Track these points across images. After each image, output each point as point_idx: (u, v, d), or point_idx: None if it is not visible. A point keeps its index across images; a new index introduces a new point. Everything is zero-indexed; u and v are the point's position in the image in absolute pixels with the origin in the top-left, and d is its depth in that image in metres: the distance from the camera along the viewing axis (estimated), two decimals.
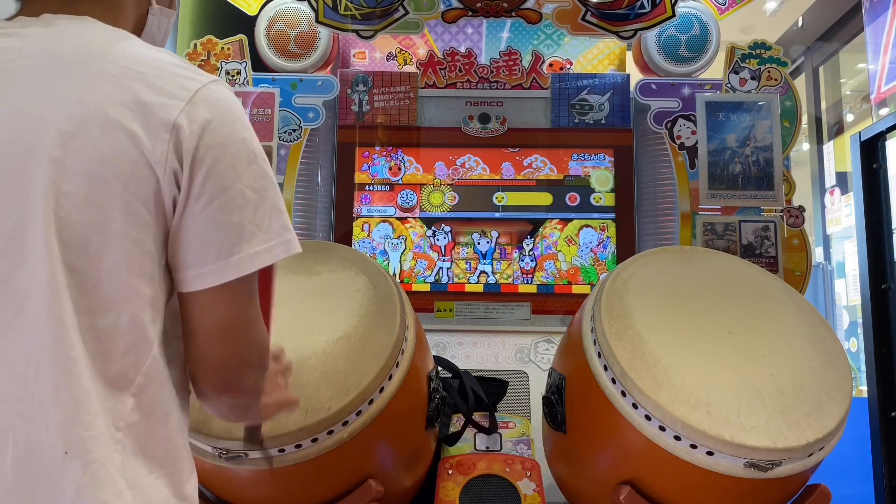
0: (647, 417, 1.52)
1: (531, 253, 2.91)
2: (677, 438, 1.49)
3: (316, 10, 2.85)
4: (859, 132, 2.32)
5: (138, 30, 0.95)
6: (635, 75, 3.10)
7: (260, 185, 0.82)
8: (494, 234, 2.93)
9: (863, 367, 2.43)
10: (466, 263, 2.90)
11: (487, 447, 2.01)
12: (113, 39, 0.85)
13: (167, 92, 0.80)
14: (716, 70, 2.99)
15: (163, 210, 0.79)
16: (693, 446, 1.48)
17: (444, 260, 2.91)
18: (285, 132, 2.90)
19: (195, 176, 0.79)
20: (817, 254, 4.18)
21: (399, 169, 2.98)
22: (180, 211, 0.79)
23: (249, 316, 0.85)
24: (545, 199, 2.95)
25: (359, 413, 1.55)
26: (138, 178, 0.77)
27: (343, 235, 2.91)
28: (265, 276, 1.20)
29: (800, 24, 4.43)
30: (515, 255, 2.91)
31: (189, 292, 0.81)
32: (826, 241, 4.31)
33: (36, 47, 0.81)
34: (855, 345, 3.91)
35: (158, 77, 0.80)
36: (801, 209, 2.75)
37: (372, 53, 3.29)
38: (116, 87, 0.78)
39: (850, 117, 4.47)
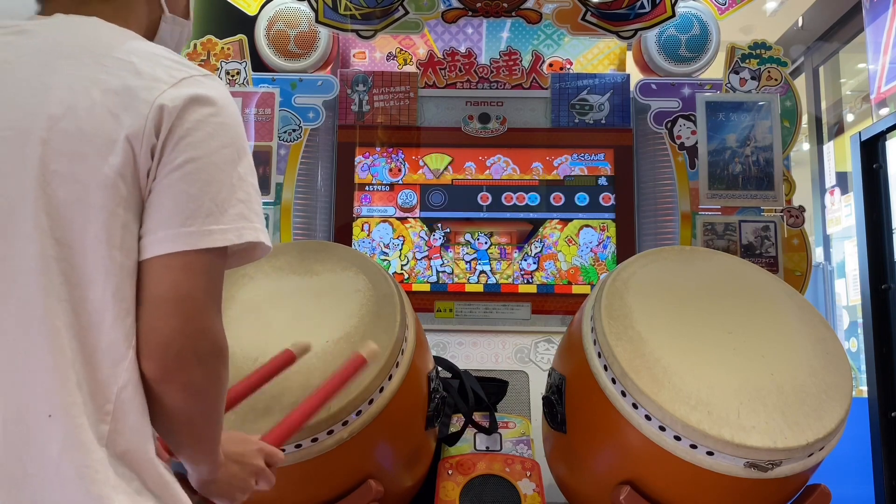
0: (647, 417, 1.52)
1: (533, 254, 2.91)
2: (677, 438, 1.49)
3: (316, 10, 2.85)
4: (859, 132, 2.32)
5: (150, 36, 0.98)
6: (635, 75, 3.10)
7: (228, 168, 0.83)
8: (484, 237, 2.93)
9: (863, 367, 2.43)
10: (467, 264, 2.90)
11: (487, 447, 2.01)
12: (114, 36, 0.88)
13: (154, 76, 0.83)
14: (716, 70, 2.99)
15: (139, 184, 0.81)
16: (693, 446, 1.48)
17: (442, 259, 2.91)
18: (285, 132, 2.90)
19: (167, 145, 0.81)
20: (817, 254, 4.17)
21: (399, 171, 2.98)
22: (151, 179, 0.82)
23: (203, 298, 0.82)
24: None
25: (359, 413, 1.55)
26: (115, 152, 0.80)
27: (343, 236, 2.91)
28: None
29: (800, 24, 4.42)
30: (515, 255, 2.91)
31: (145, 259, 0.81)
32: (826, 241, 4.31)
33: (40, 44, 0.86)
34: (855, 345, 3.91)
35: (148, 65, 0.84)
36: (802, 209, 2.75)
37: (372, 53, 3.29)
38: (107, 76, 0.83)
39: (850, 117, 4.47)
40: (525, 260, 2.91)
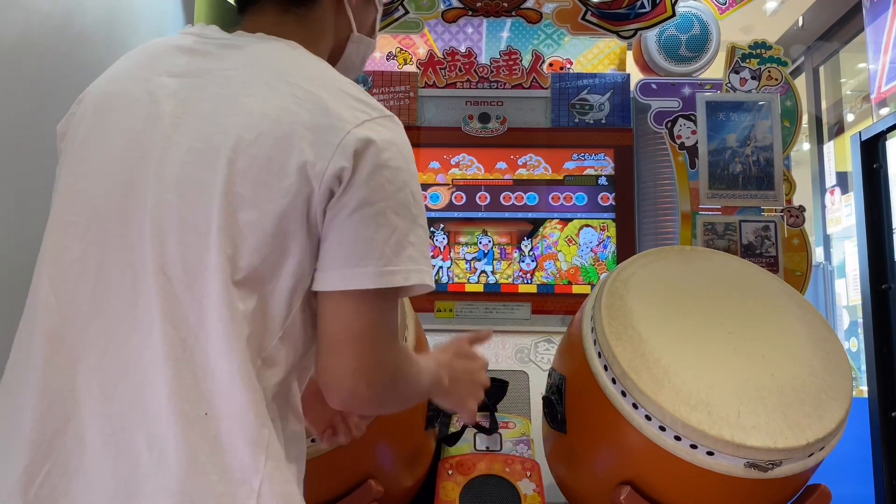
0: (648, 417, 1.52)
1: (531, 253, 2.91)
2: (677, 438, 1.49)
3: None
4: (859, 132, 2.32)
5: (337, 54, 1.05)
6: (635, 75, 3.10)
7: (402, 212, 0.86)
8: (489, 238, 2.93)
9: (863, 367, 2.43)
10: (466, 263, 2.90)
11: (487, 447, 2.01)
12: (308, 66, 0.93)
13: (340, 116, 0.86)
14: (716, 70, 2.99)
15: (312, 220, 0.85)
16: (693, 446, 1.48)
17: (443, 260, 2.91)
18: None
19: (348, 189, 0.84)
20: (817, 254, 4.17)
21: None
22: (330, 218, 0.85)
23: (374, 335, 0.86)
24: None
25: None
26: (296, 185, 0.83)
27: None
28: None
29: (800, 23, 4.42)
30: (515, 254, 2.91)
31: (318, 292, 0.86)
32: (826, 241, 4.31)
33: (243, 62, 0.92)
34: (855, 345, 3.90)
35: (336, 102, 0.87)
36: (802, 209, 2.75)
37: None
38: (299, 109, 0.86)
39: (850, 117, 4.46)
40: (523, 260, 2.91)
